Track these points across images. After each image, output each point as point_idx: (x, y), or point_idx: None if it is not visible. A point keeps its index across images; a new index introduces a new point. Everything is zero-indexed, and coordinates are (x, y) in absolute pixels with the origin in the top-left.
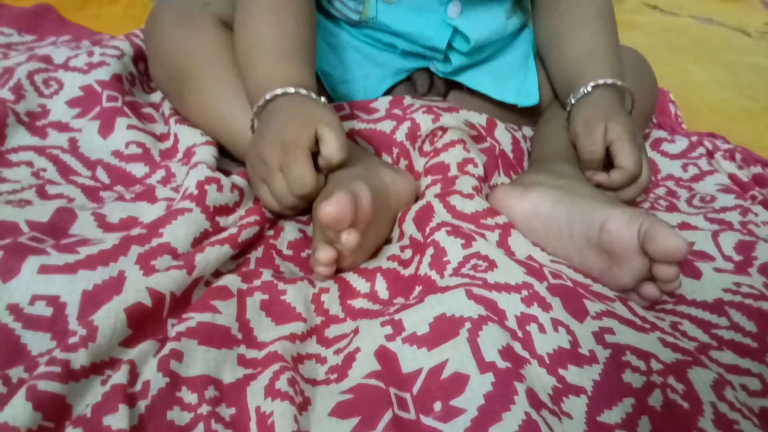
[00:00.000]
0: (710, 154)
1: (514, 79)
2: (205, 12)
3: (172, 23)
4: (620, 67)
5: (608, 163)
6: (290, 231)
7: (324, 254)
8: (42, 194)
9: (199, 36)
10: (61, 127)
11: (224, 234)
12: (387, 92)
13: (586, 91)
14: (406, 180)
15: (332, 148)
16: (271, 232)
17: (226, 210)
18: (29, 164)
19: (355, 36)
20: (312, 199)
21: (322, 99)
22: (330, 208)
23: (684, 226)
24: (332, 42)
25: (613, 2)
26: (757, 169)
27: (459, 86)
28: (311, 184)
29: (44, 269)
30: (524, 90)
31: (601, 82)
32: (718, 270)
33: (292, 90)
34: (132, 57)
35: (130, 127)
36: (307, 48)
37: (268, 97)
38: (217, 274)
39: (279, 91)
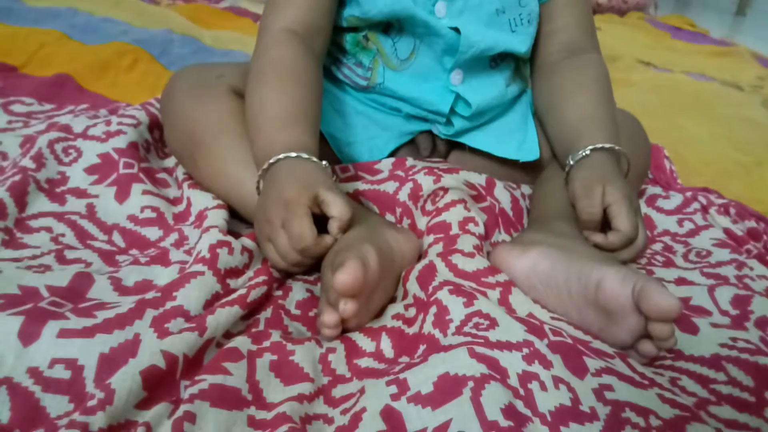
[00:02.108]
0: (705, 209)
1: (514, 137)
2: (219, 83)
3: (188, 93)
4: (616, 132)
5: (605, 223)
6: (298, 291)
7: (329, 317)
8: (61, 259)
9: (213, 105)
10: (79, 193)
11: (234, 295)
12: (391, 154)
13: (584, 154)
14: (409, 239)
15: (339, 209)
16: (279, 292)
17: (236, 272)
18: (48, 230)
19: (361, 100)
20: (315, 256)
21: (324, 162)
22: (344, 276)
23: (680, 281)
24: (338, 107)
25: (607, 60)
26: (752, 223)
27: (460, 146)
28: (309, 239)
29: (63, 333)
30: (525, 146)
31: (599, 146)
32: (714, 325)
33: (293, 154)
34: (147, 125)
35: (145, 192)
36: (310, 113)
37: (271, 160)
38: (228, 335)
39: (282, 155)
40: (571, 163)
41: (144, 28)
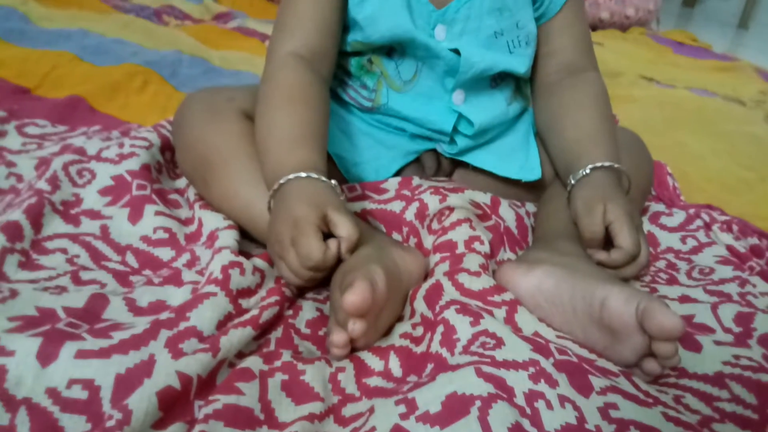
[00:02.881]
0: (708, 226)
1: (517, 157)
2: (230, 106)
3: (199, 116)
4: (616, 150)
5: (608, 241)
6: (308, 310)
7: (338, 337)
8: (76, 280)
9: (224, 128)
10: (93, 214)
11: (246, 316)
12: (397, 173)
13: (585, 173)
14: (416, 258)
15: (347, 230)
16: (290, 312)
17: (248, 292)
18: (64, 251)
19: (366, 121)
20: (326, 270)
21: (333, 182)
22: (353, 297)
23: (684, 299)
24: (344, 128)
25: (610, 76)
26: (754, 240)
27: (464, 164)
28: (318, 256)
29: (81, 354)
30: (527, 166)
31: (599, 164)
32: (718, 343)
33: (303, 174)
34: (159, 147)
35: (157, 213)
36: (318, 134)
37: (282, 181)
38: (240, 354)
39: (291, 175)
40: (572, 182)
41: (154, 50)
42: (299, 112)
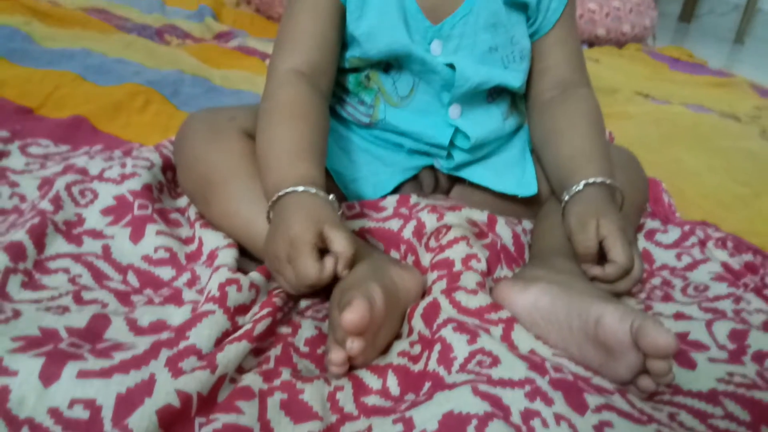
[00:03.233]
0: (703, 243)
1: (513, 172)
2: (231, 125)
3: (200, 136)
4: (609, 166)
5: (602, 256)
6: (307, 328)
7: (336, 355)
8: (78, 300)
9: (225, 147)
10: (95, 234)
11: (240, 331)
12: (395, 189)
13: (578, 189)
14: (414, 275)
15: (343, 246)
16: (288, 329)
17: (244, 309)
18: (66, 271)
19: (364, 138)
20: (323, 285)
21: (331, 196)
22: (351, 315)
23: (679, 316)
24: (343, 144)
25: (606, 93)
26: (749, 257)
27: (462, 181)
28: (313, 276)
29: (82, 374)
30: (524, 181)
31: (591, 180)
32: (712, 360)
33: (300, 188)
34: (161, 167)
35: (158, 232)
36: (317, 149)
37: (280, 193)
38: (241, 370)
39: (289, 189)
40: (566, 198)
41: (155, 69)
42: (299, 128)
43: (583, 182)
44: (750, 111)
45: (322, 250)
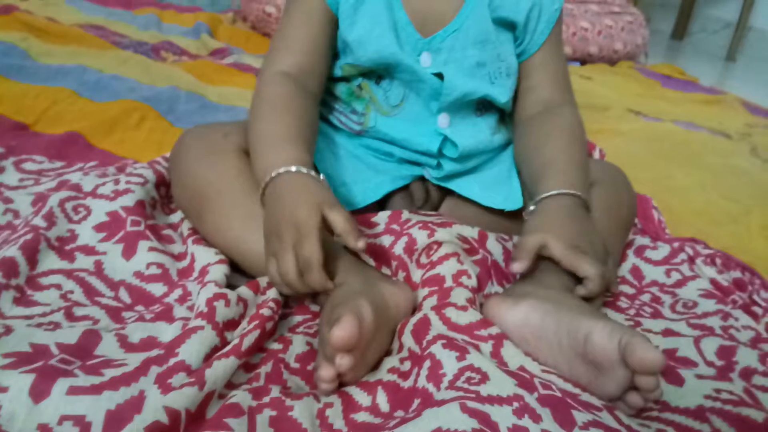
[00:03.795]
0: (692, 260)
1: (501, 187)
2: (225, 141)
3: (195, 152)
4: (582, 177)
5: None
6: (298, 344)
7: (326, 372)
8: (70, 316)
9: (219, 163)
10: (88, 250)
11: (228, 347)
12: (385, 199)
13: (535, 204)
14: (404, 292)
15: (343, 226)
16: (279, 346)
17: (233, 324)
18: (58, 287)
19: (356, 146)
20: (311, 285)
21: (321, 176)
22: (340, 332)
23: (668, 332)
24: (334, 149)
25: (598, 110)
26: (737, 274)
27: (453, 194)
28: (316, 264)
29: (72, 390)
30: (510, 196)
31: (550, 193)
32: (700, 376)
33: (293, 168)
34: (154, 183)
35: (151, 249)
36: (305, 138)
37: (273, 174)
38: (231, 386)
39: (282, 169)
40: (528, 210)
41: (151, 85)
42: (285, 119)
43: (541, 196)
44: (741, 128)
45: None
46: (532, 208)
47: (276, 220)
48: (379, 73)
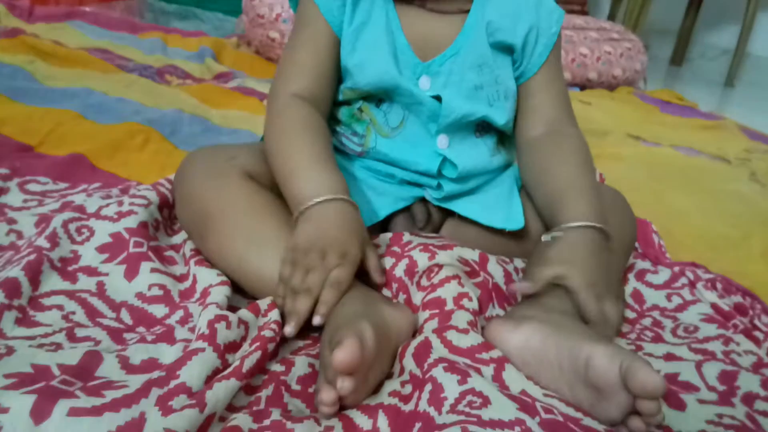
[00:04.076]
0: (692, 284)
1: (501, 208)
2: (231, 165)
3: (200, 174)
4: (599, 204)
5: None
6: (301, 366)
7: (327, 395)
8: (71, 337)
9: (224, 186)
10: (90, 271)
11: (229, 369)
12: (387, 220)
13: (559, 233)
14: (405, 314)
15: (375, 266)
16: (282, 368)
17: (234, 346)
18: (60, 308)
19: (357, 168)
20: (322, 300)
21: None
22: (342, 354)
23: (669, 357)
24: None
25: (598, 135)
26: (738, 298)
27: (454, 215)
28: (346, 287)
29: (73, 412)
30: (511, 216)
31: (569, 225)
32: (701, 401)
33: (340, 196)
34: (157, 205)
35: (153, 270)
36: (334, 160)
37: (319, 199)
38: (232, 408)
39: (330, 196)
40: (548, 238)
41: (155, 108)
42: (316, 140)
43: (564, 225)
44: (739, 153)
45: None
46: (555, 234)
47: (318, 237)
48: (379, 96)
